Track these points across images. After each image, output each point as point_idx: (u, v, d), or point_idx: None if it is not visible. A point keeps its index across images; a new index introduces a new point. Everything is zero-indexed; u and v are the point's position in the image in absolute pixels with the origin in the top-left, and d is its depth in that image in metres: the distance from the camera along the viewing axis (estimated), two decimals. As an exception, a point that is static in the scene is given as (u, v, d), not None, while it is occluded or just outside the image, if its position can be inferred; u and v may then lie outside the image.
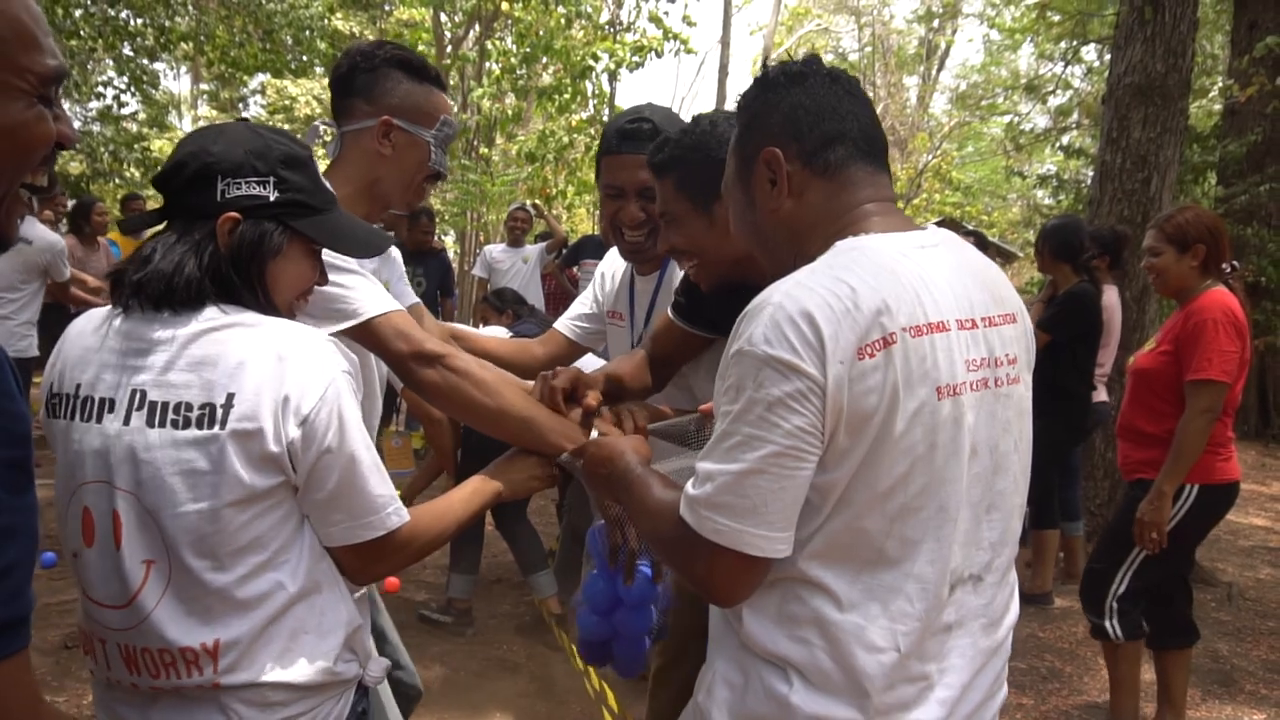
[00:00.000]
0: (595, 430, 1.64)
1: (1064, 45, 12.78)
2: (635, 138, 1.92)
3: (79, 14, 9.97)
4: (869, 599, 1.12)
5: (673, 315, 1.90)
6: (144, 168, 13.93)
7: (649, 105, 2.03)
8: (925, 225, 1.27)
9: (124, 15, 10.63)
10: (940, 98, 23.11)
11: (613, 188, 1.97)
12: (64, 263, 4.96)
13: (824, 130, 1.23)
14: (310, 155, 1.35)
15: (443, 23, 13.13)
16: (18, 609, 0.86)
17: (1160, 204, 5.12)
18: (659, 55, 11.07)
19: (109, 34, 10.42)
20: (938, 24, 20.35)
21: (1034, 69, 17.49)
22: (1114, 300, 4.72)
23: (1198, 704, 3.54)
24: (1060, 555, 4.78)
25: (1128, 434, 3.18)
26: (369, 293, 1.56)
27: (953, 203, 18.05)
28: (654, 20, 11.15)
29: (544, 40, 10.61)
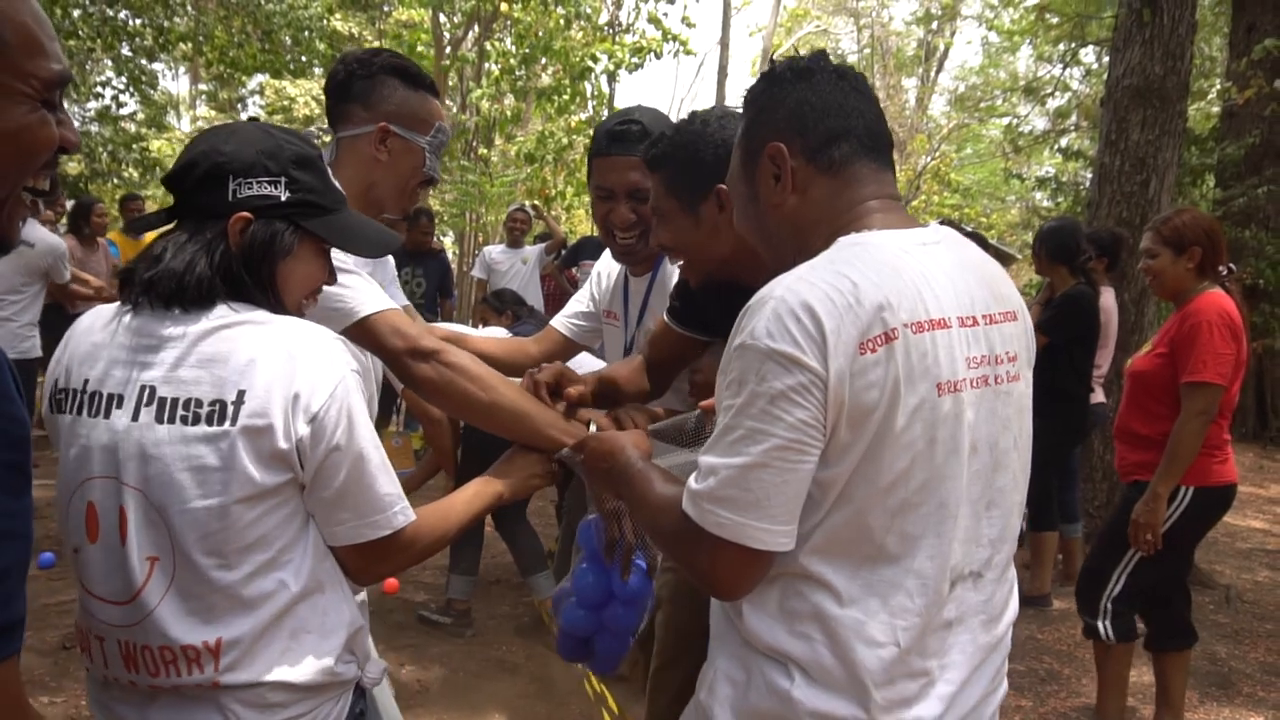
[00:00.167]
0: (593, 425, 1.65)
1: (1062, 47, 12.78)
2: (624, 139, 1.93)
3: (77, 14, 9.97)
4: (869, 594, 1.12)
5: (668, 319, 1.91)
6: (142, 168, 13.92)
7: (638, 107, 2.04)
8: (927, 223, 1.27)
9: (123, 15, 10.63)
10: (939, 100, 23.14)
11: (603, 189, 1.98)
12: (64, 265, 5.00)
13: (829, 127, 1.23)
14: (320, 155, 1.35)
15: (442, 23, 13.12)
16: (10, 614, 0.85)
17: (1159, 206, 5.12)
18: (658, 56, 11.08)
19: (107, 34, 10.42)
20: (936, 26, 20.33)
21: (1032, 71, 17.50)
22: (1111, 302, 4.73)
23: (1196, 706, 3.54)
24: (1059, 557, 4.78)
25: (1124, 436, 3.18)
26: (366, 292, 1.58)
27: (951, 204, 18.02)
28: (653, 21, 11.15)
29: (543, 41, 10.61)
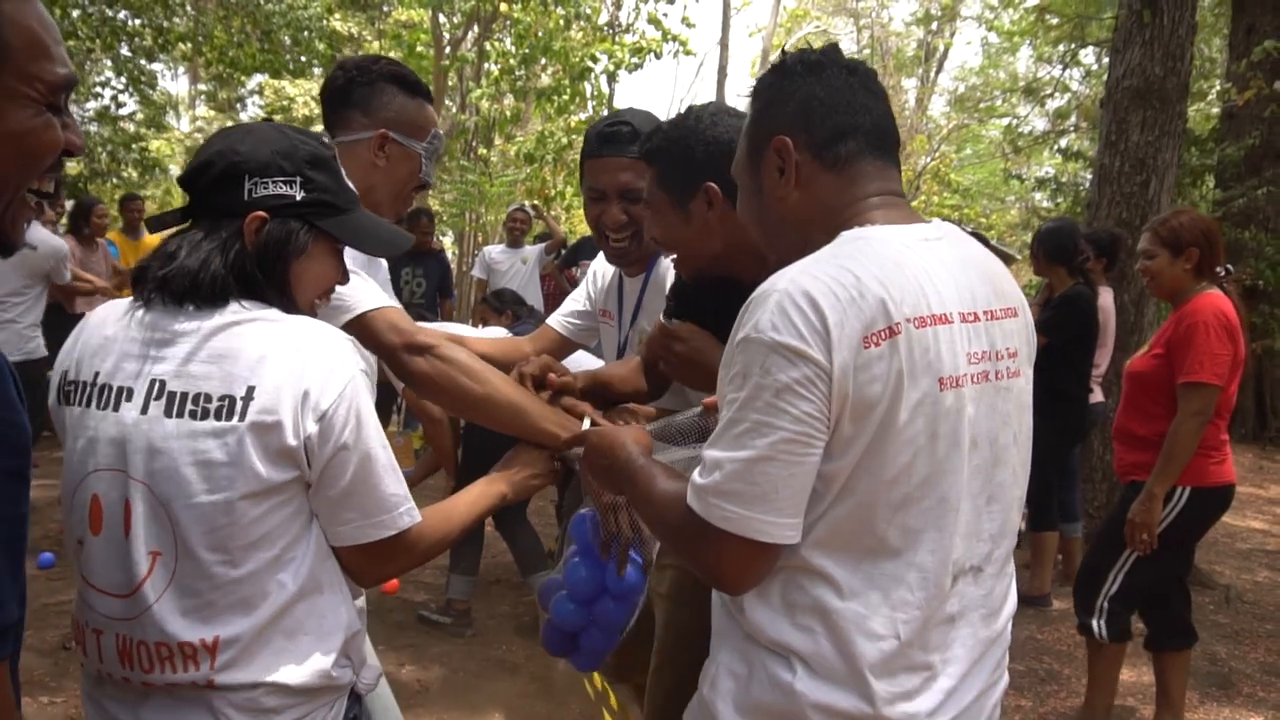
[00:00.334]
0: (587, 421, 1.65)
1: (1062, 48, 12.79)
2: (615, 141, 1.95)
3: (77, 14, 9.98)
4: (870, 587, 1.13)
5: (664, 321, 1.92)
6: (141, 168, 13.92)
7: (630, 109, 2.05)
8: (929, 219, 1.27)
9: (122, 15, 10.65)
10: (939, 100, 23.15)
11: (594, 190, 1.99)
12: (66, 267, 5.05)
13: (836, 123, 1.23)
14: (334, 155, 1.36)
15: (441, 23, 13.12)
16: (3, 618, 0.85)
17: (1159, 207, 5.12)
18: (658, 57, 11.08)
19: (107, 34, 10.44)
20: (936, 26, 20.35)
21: (1032, 72, 17.51)
22: (1109, 302, 4.74)
23: (1196, 706, 3.54)
24: (1059, 557, 4.78)
25: (1122, 436, 3.19)
26: (364, 289, 1.59)
27: (951, 205, 18.02)
28: (653, 22, 11.16)
29: (543, 41, 10.61)
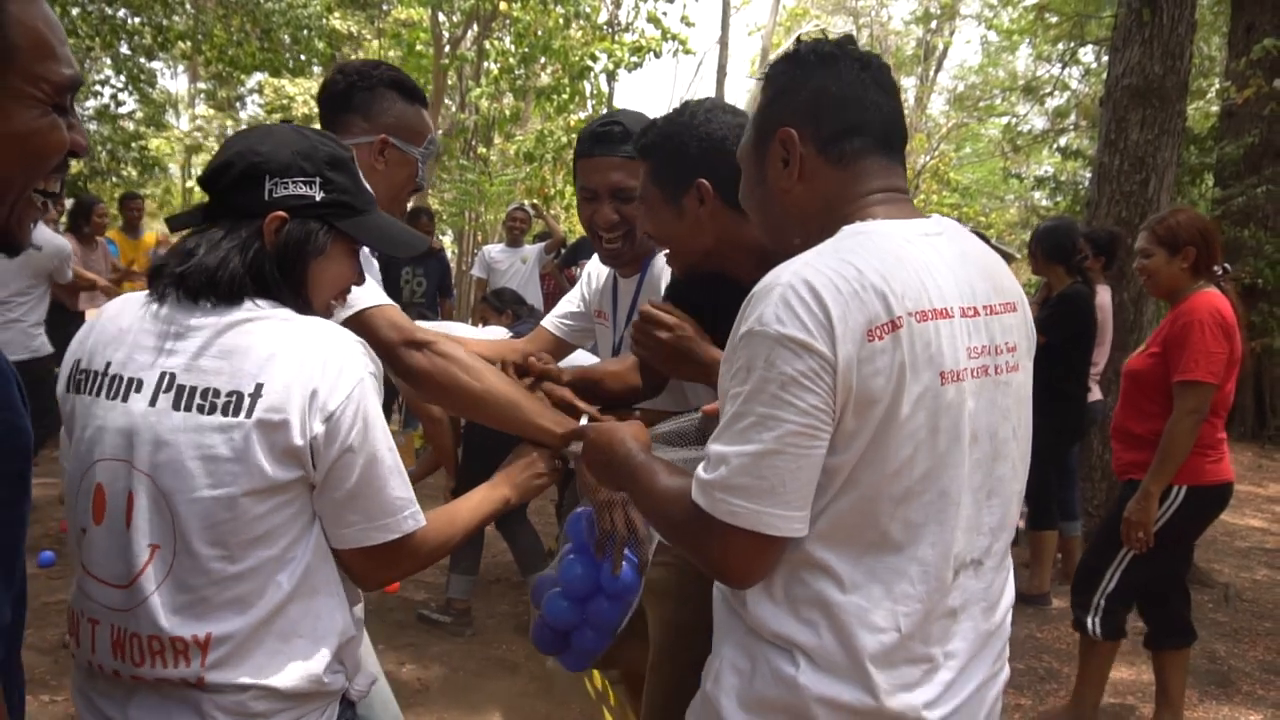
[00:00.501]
0: (585, 418, 1.65)
1: (1062, 47, 12.79)
2: (607, 140, 1.95)
3: (76, 12, 9.99)
4: (872, 581, 1.13)
5: (648, 306, 1.91)
6: (141, 166, 13.95)
7: (622, 110, 2.06)
8: (930, 215, 1.27)
9: (121, 14, 10.66)
10: (938, 99, 23.16)
11: (587, 190, 1.99)
12: (68, 267, 5.08)
13: (845, 119, 1.22)
14: (352, 156, 1.37)
15: (441, 22, 13.11)
16: None
17: (1158, 206, 5.12)
18: (657, 56, 11.09)
19: (106, 33, 10.44)
20: (935, 25, 20.35)
21: (1032, 70, 17.50)
22: (1107, 300, 4.74)
23: (1195, 705, 3.55)
24: (1058, 556, 4.79)
25: (1120, 435, 3.20)
26: (364, 287, 1.59)
27: (950, 204, 17.99)
28: (652, 20, 11.16)
29: (542, 40, 10.61)
